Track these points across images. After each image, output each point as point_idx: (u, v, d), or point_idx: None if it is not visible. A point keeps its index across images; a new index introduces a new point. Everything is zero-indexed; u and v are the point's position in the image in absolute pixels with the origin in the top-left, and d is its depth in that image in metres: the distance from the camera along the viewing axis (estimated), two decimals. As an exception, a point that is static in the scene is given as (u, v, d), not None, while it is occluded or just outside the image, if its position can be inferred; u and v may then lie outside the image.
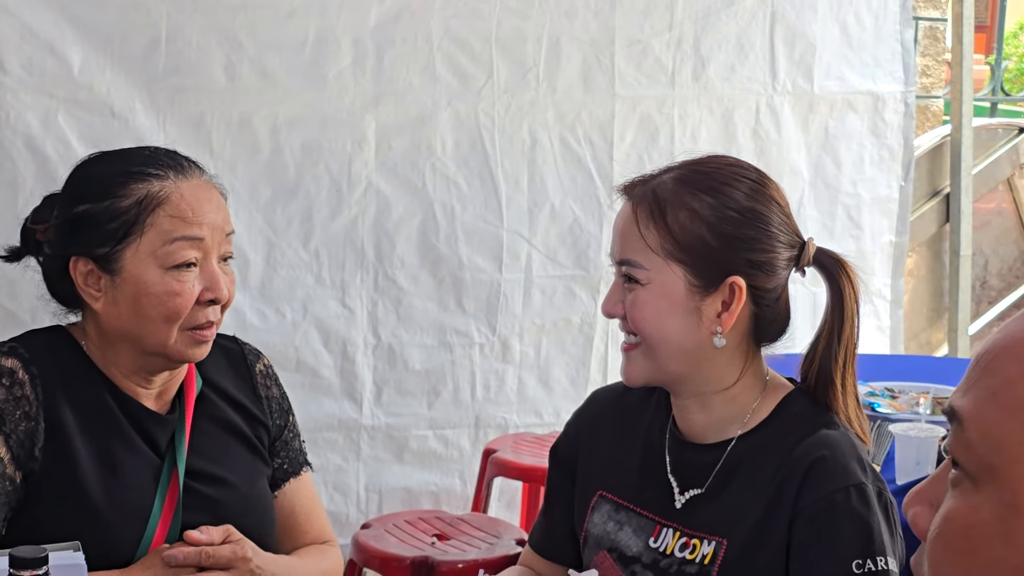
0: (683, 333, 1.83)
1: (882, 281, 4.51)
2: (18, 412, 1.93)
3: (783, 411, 1.87)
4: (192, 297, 1.96)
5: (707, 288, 1.82)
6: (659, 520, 1.90)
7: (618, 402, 2.03)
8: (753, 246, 1.83)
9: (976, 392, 0.95)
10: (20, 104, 3.35)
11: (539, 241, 3.93)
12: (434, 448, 3.86)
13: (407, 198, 3.78)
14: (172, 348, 1.98)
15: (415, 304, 3.81)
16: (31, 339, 2.01)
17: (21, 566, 1.50)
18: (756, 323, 1.87)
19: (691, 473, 1.89)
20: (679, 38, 4.07)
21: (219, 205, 2.03)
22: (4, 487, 1.91)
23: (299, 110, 3.64)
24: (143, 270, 1.96)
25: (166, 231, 1.96)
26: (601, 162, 3.99)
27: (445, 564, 2.97)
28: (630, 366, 1.89)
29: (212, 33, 3.52)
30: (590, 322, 4.02)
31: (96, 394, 2.00)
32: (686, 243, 1.82)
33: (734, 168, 1.88)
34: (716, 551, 1.82)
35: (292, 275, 3.67)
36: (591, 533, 1.96)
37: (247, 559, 1.97)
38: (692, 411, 1.90)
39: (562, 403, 3.98)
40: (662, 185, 1.85)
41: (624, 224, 1.87)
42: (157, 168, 2.00)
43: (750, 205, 1.84)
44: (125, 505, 1.97)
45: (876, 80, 4.39)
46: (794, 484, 1.79)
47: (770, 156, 4.19)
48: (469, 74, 3.82)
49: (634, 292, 1.85)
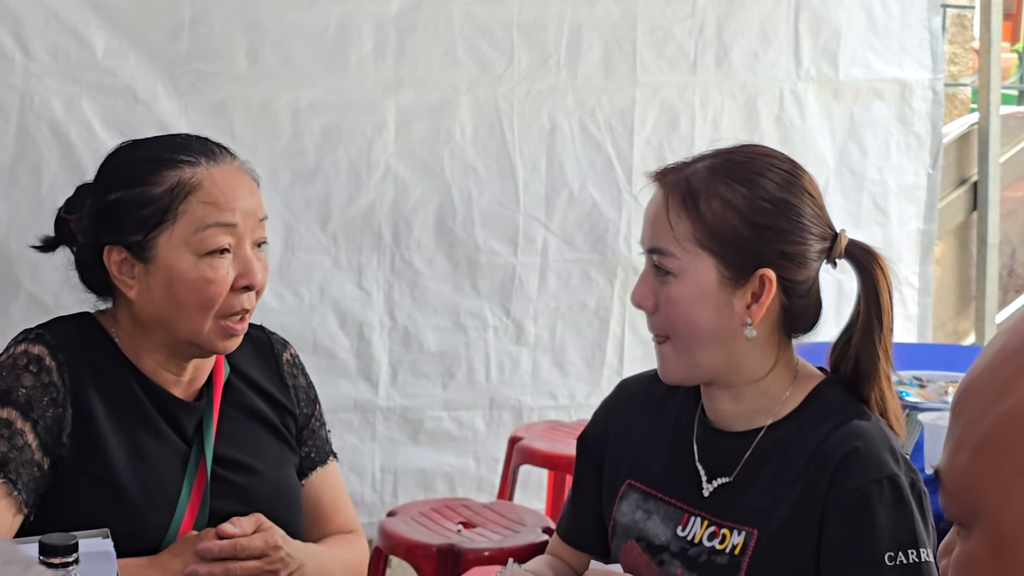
0: (714, 325, 1.82)
1: (909, 269, 4.47)
2: (45, 399, 1.94)
3: (814, 401, 1.86)
4: (226, 284, 1.96)
5: (738, 280, 1.81)
6: (687, 509, 1.89)
7: (647, 391, 2.01)
8: (785, 238, 1.81)
9: (947, 446, 0.96)
10: (44, 89, 3.39)
11: (556, 226, 3.94)
12: (449, 429, 3.87)
13: (425, 182, 3.79)
14: (204, 338, 1.98)
15: (431, 287, 3.82)
16: (59, 326, 2.02)
17: (51, 553, 1.50)
18: (786, 315, 1.85)
19: (719, 461, 1.88)
20: (701, 24, 4.06)
21: (251, 190, 2.02)
22: (32, 473, 1.92)
23: (320, 95, 3.67)
24: (177, 257, 1.96)
25: (199, 218, 1.96)
26: (621, 148, 3.99)
27: (471, 552, 2.98)
28: (665, 364, 1.88)
29: (235, 19, 3.55)
30: (606, 306, 4.02)
31: (124, 382, 2.00)
32: (718, 233, 1.80)
33: (768, 158, 1.86)
34: (746, 541, 1.82)
35: (310, 258, 3.69)
36: (619, 522, 1.95)
37: (278, 547, 1.97)
38: (722, 401, 1.89)
39: (577, 386, 3.99)
40: (695, 174, 1.83)
41: (655, 212, 1.85)
42: (189, 155, 1.99)
43: (783, 196, 1.82)
44: (153, 492, 1.98)
45: (903, 67, 4.35)
46: (826, 475, 1.77)
47: (794, 143, 4.17)
48: (490, 60, 3.83)
49: (667, 286, 1.83)
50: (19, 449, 1.91)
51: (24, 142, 3.39)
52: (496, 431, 3.82)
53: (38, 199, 3.38)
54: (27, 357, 1.95)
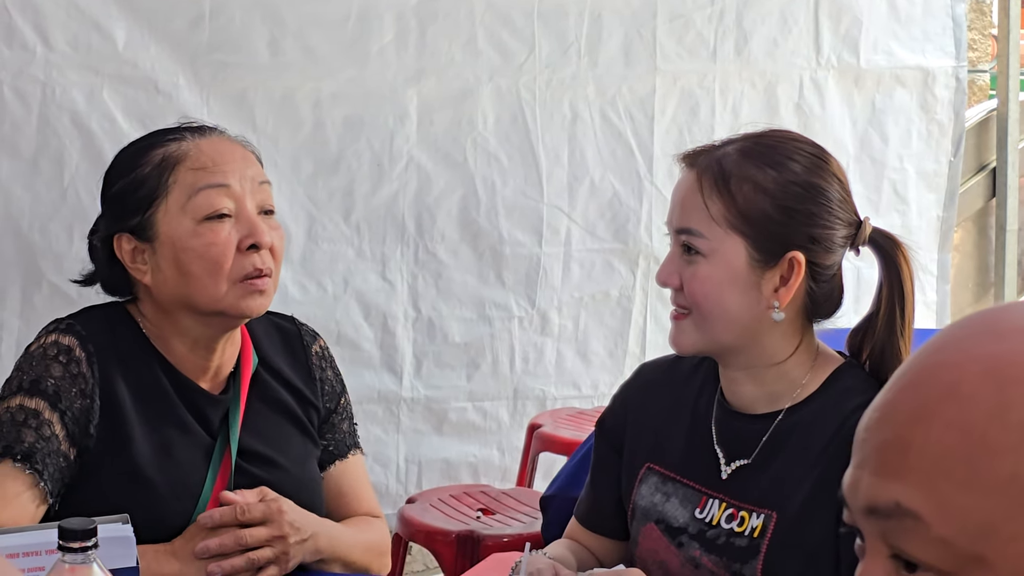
0: (742, 307, 1.83)
1: (928, 256, 4.47)
2: (74, 390, 1.95)
3: (834, 383, 1.86)
4: (230, 245, 1.97)
5: (767, 262, 1.82)
6: (705, 491, 1.89)
7: (666, 375, 2.02)
8: (814, 221, 1.82)
9: (920, 481, 0.86)
10: (66, 80, 3.38)
11: (578, 215, 3.94)
12: (473, 420, 3.87)
13: (448, 173, 3.79)
14: (226, 303, 1.98)
15: (455, 278, 3.82)
16: (89, 316, 2.03)
17: (71, 538, 1.50)
18: (811, 299, 1.86)
19: (738, 443, 1.88)
20: (721, 12, 4.05)
21: (244, 157, 2.04)
22: (59, 463, 1.93)
23: (341, 85, 3.66)
24: (176, 227, 1.97)
25: (190, 184, 1.98)
26: (641, 136, 3.98)
27: (490, 538, 2.99)
28: (680, 335, 1.88)
29: (255, 9, 3.54)
30: (628, 295, 4.02)
31: (151, 372, 2.01)
32: (749, 215, 1.81)
33: (796, 143, 1.87)
34: (766, 524, 1.82)
35: (333, 249, 3.69)
36: (639, 505, 1.96)
37: (282, 512, 1.97)
38: (741, 382, 1.89)
39: (600, 375, 3.99)
40: (726, 156, 1.84)
41: (687, 192, 1.86)
42: (174, 133, 2.03)
43: (813, 180, 1.83)
44: (177, 483, 1.99)
45: (926, 54, 4.34)
46: (845, 458, 1.73)
47: (814, 130, 4.15)
48: (511, 49, 3.82)
49: (695, 265, 1.83)
50: (46, 439, 1.92)
51: (46, 133, 3.38)
52: (520, 422, 3.82)
53: (60, 190, 3.39)
54: (57, 347, 1.96)
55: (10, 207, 3.36)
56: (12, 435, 1.92)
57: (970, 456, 0.85)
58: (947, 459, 0.85)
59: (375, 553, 2.17)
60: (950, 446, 0.85)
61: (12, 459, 1.91)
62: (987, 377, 0.86)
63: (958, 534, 0.84)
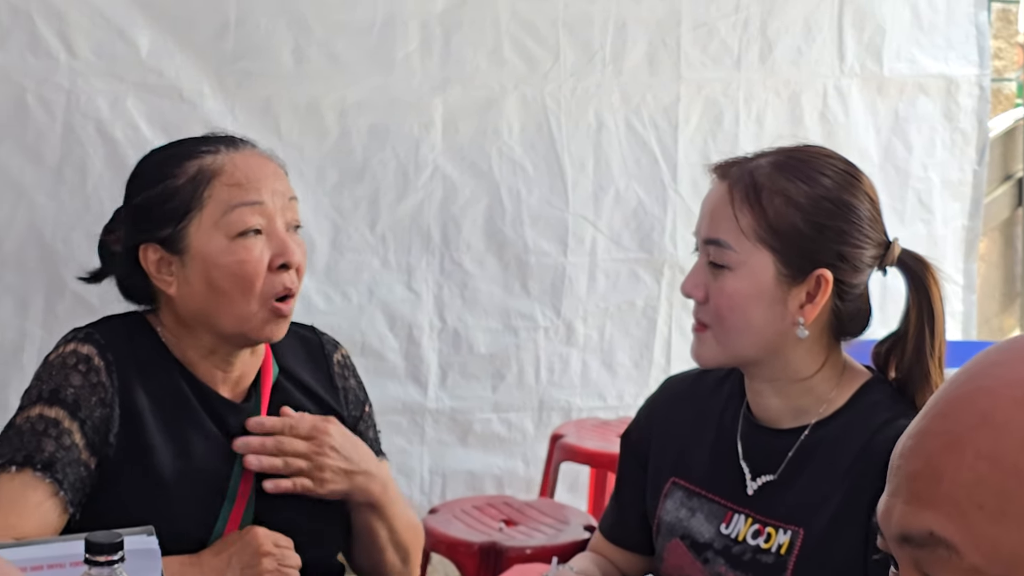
0: (766, 322, 1.82)
1: (954, 266, 4.45)
2: (94, 399, 1.94)
3: (861, 399, 1.85)
4: (262, 263, 1.96)
5: (794, 278, 1.81)
6: (731, 506, 1.88)
7: (691, 388, 2.01)
8: (844, 239, 1.81)
9: (953, 510, 0.86)
10: (90, 88, 3.38)
11: (604, 224, 3.92)
12: (498, 431, 3.86)
13: (473, 182, 3.78)
14: (252, 325, 1.97)
15: (480, 288, 3.81)
16: (108, 325, 2.02)
17: (97, 551, 1.50)
18: (837, 318, 1.84)
19: (763, 458, 1.87)
20: (745, 20, 4.04)
21: (276, 173, 2.03)
22: (79, 473, 1.93)
23: (366, 93, 3.65)
24: (208, 243, 1.96)
25: (225, 200, 1.96)
26: (666, 145, 3.97)
27: (513, 550, 2.98)
28: (702, 347, 1.87)
29: (280, 17, 3.54)
30: (654, 305, 4.00)
31: (171, 381, 2.01)
32: (779, 229, 1.80)
33: (830, 159, 1.86)
34: (792, 541, 1.81)
35: (358, 258, 3.68)
36: (664, 520, 1.95)
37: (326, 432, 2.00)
38: (767, 396, 1.88)
39: (625, 386, 3.97)
40: (759, 169, 1.83)
41: (717, 203, 1.84)
42: (207, 145, 2.02)
43: (844, 197, 1.81)
44: (199, 492, 1.98)
45: (949, 63, 4.32)
46: (873, 474, 1.74)
47: (838, 139, 4.14)
48: (536, 57, 3.81)
49: (721, 278, 1.82)
50: (66, 449, 1.91)
51: (70, 141, 3.38)
52: (545, 433, 3.80)
53: (83, 198, 3.38)
54: (76, 356, 1.95)
55: (34, 215, 3.36)
56: (32, 445, 1.91)
57: (1002, 486, 0.85)
58: (979, 488, 0.85)
59: (417, 532, 2.18)
60: (982, 475, 0.85)
61: (33, 468, 1.90)
62: (1021, 405, 0.85)
63: (991, 563, 0.84)
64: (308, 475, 1.99)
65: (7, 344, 3.35)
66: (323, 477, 2.00)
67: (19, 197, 3.35)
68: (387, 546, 2.10)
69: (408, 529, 2.13)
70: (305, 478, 1.99)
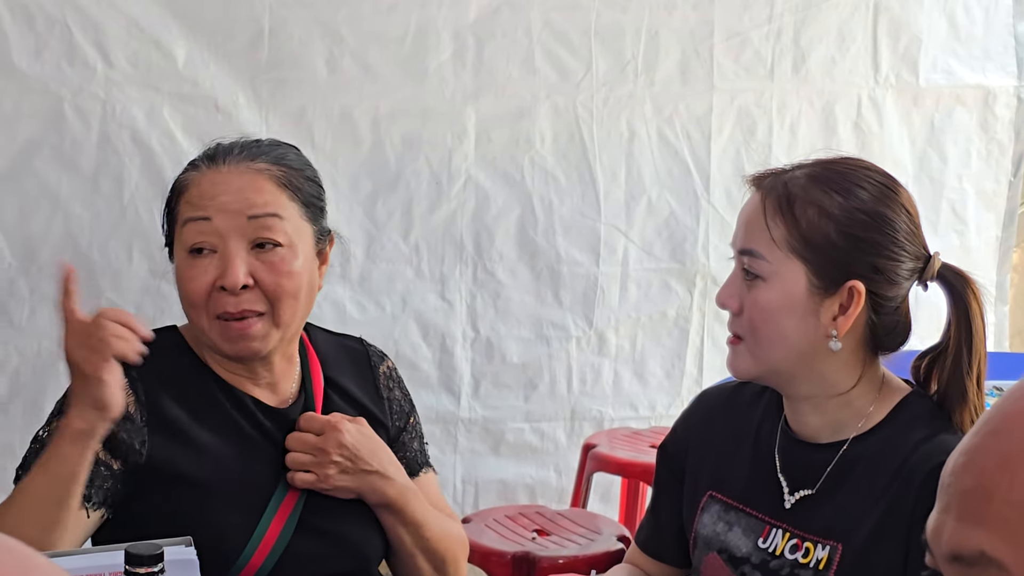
0: (799, 333, 1.81)
1: (987, 277, 4.42)
2: None
3: (900, 414, 1.84)
4: (204, 282, 1.96)
5: (827, 289, 1.80)
6: (768, 520, 1.88)
7: (728, 401, 2.01)
8: (879, 251, 1.80)
9: (1004, 529, 0.85)
10: (126, 98, 3.40)
11: (636, 234, 3.92)
12: (530, 441, 3.86)
13: (506, 191, 3.79)
14: (211, 339, 2.00)
15: (513, 297, 3.81)
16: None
17: (137, 563, 1.51)
18: (873, 331, 1.83)
19: (801, 473, 1.87)
20: (779, 30, 4.03)
21: (245, 188, 1.99)
22: (99, 472, 1.94)
23: (400, 103, 3.66)
24: (177, 256, 2.02)
25: (182, 215, 2.00)
26: (698, 155, 3.97)
27: (546, 560, 2.98)
28: (736, 359, 1.87)
29: (314, 26, 3.55)
30: (686, 315, 4.00)
31: (206, 391, 2.03)
32: (812, 240, 1.79)
33: (867, 171, 1.85)
34: (831, 556, 1.80)
35: (392, 268, 3.69)
36: (700, 534, 1.94)
37: (336, 430, 2.00)
38: (805, 412, 1.87)
39: (657, 396, 3.97)
40: (794, 180, 1.83)
41: (751, 214, 1.85)
42: (197, 160, 2.05)
43: (880, 209, 1.80)
44: (240, 497, 1.99)
45: (986, 73, 4.30)
46: (912, 490, 1.75)
47: (872, 150, 4.13)
48: (568, 67, 3.82)
49: (755, 289, 1.82)
50: None
51: (106, 151, 3.40)
52: (577, 442, 3.80)
53: (119, 208, 3.40)
54: None
55: (70, 225, 3.38)
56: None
57: None
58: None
59: (456, 541, 2.16)
60: None
61: None
62: None
63: None
64: (312, 469, 2.00)
65: (44, 353, 3.36)
66: (326, 473, 2.00)
67: (55, 207, 3.37)
68: (415, 552, 2.10)
69: (444, 538, 2.12)
70: (309, 473, 2.00)
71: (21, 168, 3.34)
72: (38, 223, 3.37)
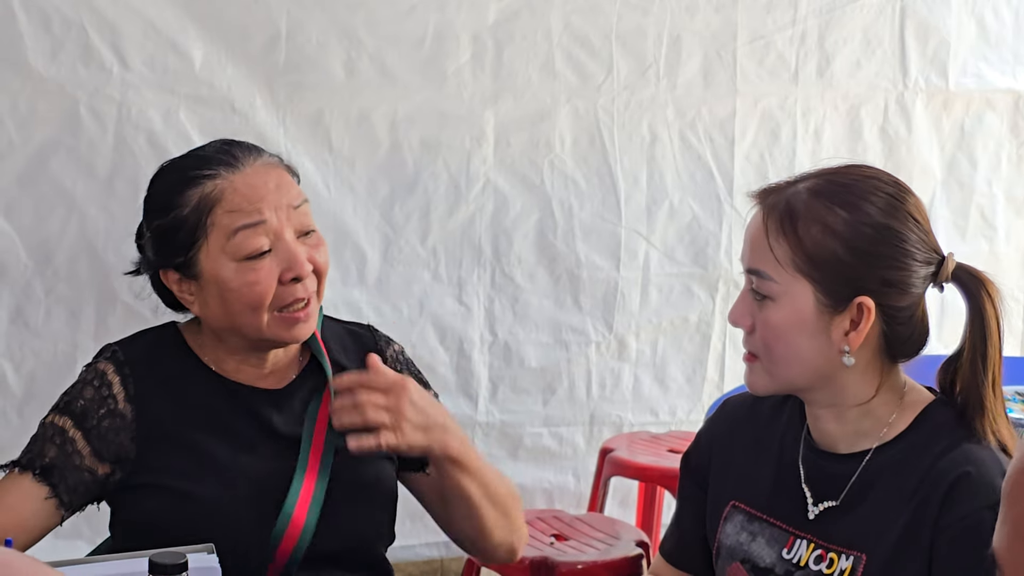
0: (812, 352, 1.77)
1: (1015, 283, 4.39)
2: (102, 410, 1.99)
3: (924, 423, 1.80)
4: (271, 282, 1.99)
5: (835, 307, 1.76)
6: (792, 531, 1.85)
7: (751, 410, 1.97)
8: (888, 265, 1.76)
9: None
10: (142, 100, 3.40)
11: (657, 239, 3.90)
12: (548, 445, 3.85)
13: (525, 195, 3.78)
14: (268, 333, 2.01)
15: (531, 301, 3.80)
16: (135, 340, 2.09)
17: (162, 572, 1.51)
18: (888, 341, 1.79)
19: (825, 484, 1.84)
20: (803, 33, 4.00)
21: (279, 184, 2.04)
22: (81, 478, 1.98)
23: (418, 106, 3.65)
24: (218, 268, 1.99)
25: (227, 226, 1.99)
26: (721, 159, 3.95)
27: (564, 565, 2.97)
28: (753, 377, 1.84)
29: (331, 29, 3.55)
30: (708, 321, 3.97)
31: (201, 388, 2.04)
32: (817, 259, 1.75)
33: (872, 181, 1.80)
34: (855, 567, 1.77)
35: (409, 271, 3.69)
36: (724, 544, 1.92)
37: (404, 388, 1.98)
38: (826, 421, 1.84)
39: (678, 402, 3.96)
40: (796, 195, 1.79)
41: (755, 233, 1.81)
42: (209, 168, 2.03)
43: (886, 222, 1.76)
44: (247, 493, 1.98)
45: (1016, 77, 4.27)
46: (936, 500, 1.72)
47: (899, 155, 4.11)
48: (588, 70, 3.80)
49: (766, 308, 1.79)
50: (68, 455, 1.98)
51: (122, 153, 3.40)
52: (595, 447, 3.78)
53: (135, 210, 3.32)
54: (93, 372, 2.04)
55: (85, 227, 3.39)
56: (37, 450, 1.99)
57: None
58: None
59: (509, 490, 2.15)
60: None
61: (32, 472, 1.98)
62: None
63: None
64: (390, 428, 1.99)
65: (59, 355, 3.37)
66: (403, 428, 1.99)
67: (71, 209, 3.38)
68: (483, 503, 2.08)
69: (502, 485, 2.12)
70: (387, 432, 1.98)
71: (37, 170, 3.35)
72: (54, 225, 3.38)
